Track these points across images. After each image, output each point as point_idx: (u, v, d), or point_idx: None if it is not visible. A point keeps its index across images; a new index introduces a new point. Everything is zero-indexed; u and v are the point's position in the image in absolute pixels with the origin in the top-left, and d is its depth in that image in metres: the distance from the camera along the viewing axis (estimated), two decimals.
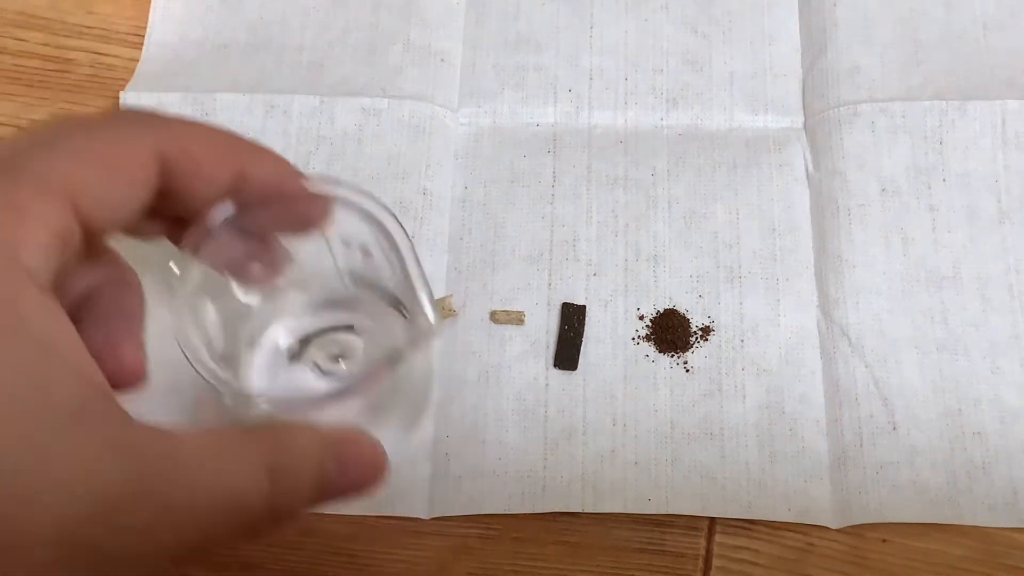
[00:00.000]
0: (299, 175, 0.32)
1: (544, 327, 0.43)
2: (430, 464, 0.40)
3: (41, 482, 0.23)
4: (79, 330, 0.26)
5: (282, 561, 0.39)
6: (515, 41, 0.48)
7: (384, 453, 0.29)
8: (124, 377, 0.29)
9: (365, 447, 0.29)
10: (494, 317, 0.43)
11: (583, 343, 0.42)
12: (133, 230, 0.31)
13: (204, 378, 0.30)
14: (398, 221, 0.33)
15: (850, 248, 0.44)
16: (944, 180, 0.45)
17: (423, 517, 0.40)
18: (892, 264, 0.44)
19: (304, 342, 0.38)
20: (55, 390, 0.24)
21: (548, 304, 0.43)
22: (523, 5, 0.49)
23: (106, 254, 0.31)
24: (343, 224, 0.34)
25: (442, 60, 0.48)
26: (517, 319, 0.43)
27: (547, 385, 0.42)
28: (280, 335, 0.38)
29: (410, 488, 0.40)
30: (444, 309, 0.42)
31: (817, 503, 0.40)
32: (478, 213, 0.45)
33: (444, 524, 0.40)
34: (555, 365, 0.42)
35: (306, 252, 0.35)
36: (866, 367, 0.42)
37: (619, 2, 0.49)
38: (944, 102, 0.46)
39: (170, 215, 0.31)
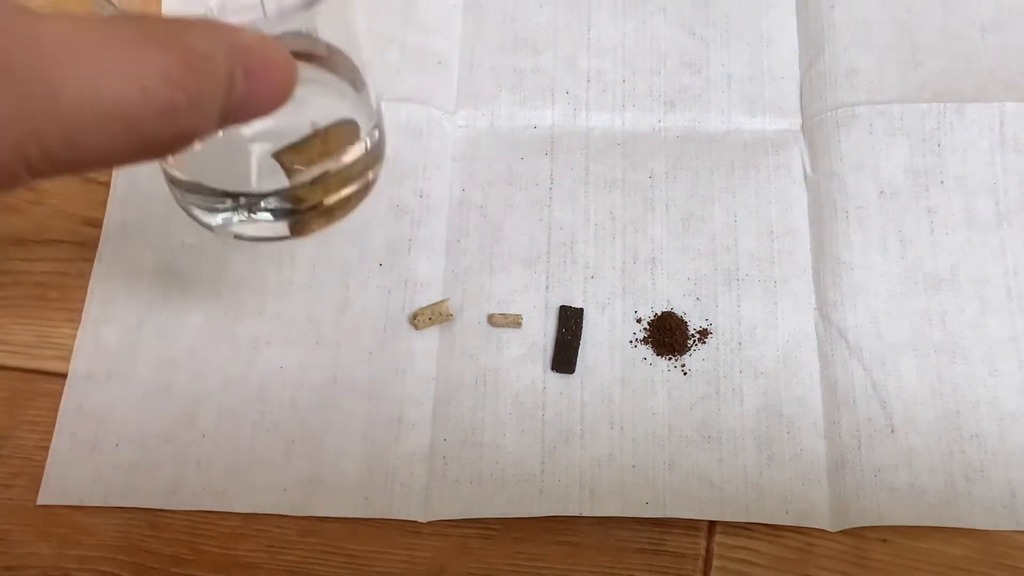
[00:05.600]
0: None
1: (542, 330, 0.43)
2: (427, 468, 0.40)
3: None
4: None
5: (282, 561, 0.39)
6: (513, 43, 0.48)
7: (293, 63, 0.25)
8: None
9: (274, 56, 0.25)
10: (491, 320, 0.43)
11: (581, 346, 0.42)
12: None
13: None
14: None
15: (848, 250, 0.44)
16: (942, 182, 0.45)
17: (420, 521, 0.40)
18: (890, 266, 0.44)
19: None
20: None
21: (546, 307, 0.43)
22: (520, 7, 0.49)
23: None
24: None
25: (439, 63, 0.48)
26: (514, 322, 0.43)
27: (544, 388, 0.42)
28: None
29: (407, 492, 0.40)
30: (441, 313, 0.42)
31: (815, 506, 0.40)
32: (475, 216, 0.45)
33: (443, 524, 0.40)
34: (553, 368, 0.42)
35: None
36: (864, 369, 0.42)
37: (617, 4, 0.49)
38: (942, 104, 0.46)
39: None
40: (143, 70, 0.22)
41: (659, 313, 0.43)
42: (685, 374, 0.42)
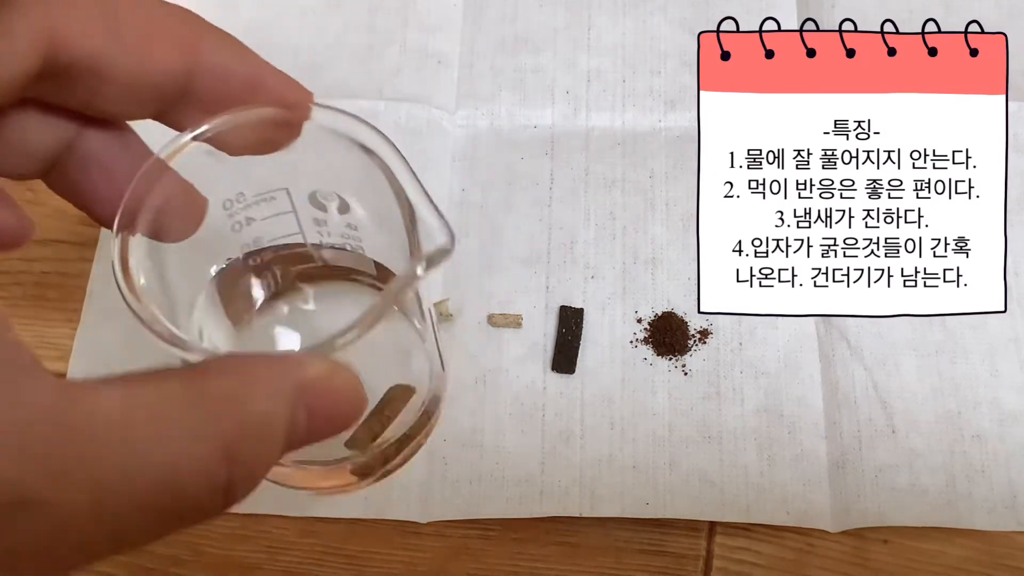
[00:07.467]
0: (269, 67, 0.25)
1: (542, 330, 0.43)
2: (426, 468, 0.40)
3: None
4: None
5: (281, 562, 0.39)
6: (512, 43, 0.48)
7: (361, 389, 0.24)
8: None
9: (341, 389, 0.23)
10: (492, 320, 0.43)
11: (581, 346, 0.42)
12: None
13: (157, 338, 0.25)
14: (390, 141, 0.27)
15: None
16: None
17: (419, 521, 0.40)
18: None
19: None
20: None
21: (546, 307, 0.43)
22: (520, 7, 0.49)
23: None
24: (312, 171, 0.28)
25: (439, 62, 0.48)
26: (515, 322, 0.43)
27: (545, 388, 0.42)
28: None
29: (406, 492, 0.40)
30: (441, 313, 0.42)
31: (816, 507, 0.39)
32: (476, 216, 0.45)
33: (443, 525, 0.40)
34: (553, 368, 0.42)
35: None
36: (865, 370, 0.42)
37: (617, 4, 0.49)
38: None
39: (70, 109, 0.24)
40: (196, 449, 0.20)
41: (659, 313, 0.43)
42: (686, 374, 0.42)
